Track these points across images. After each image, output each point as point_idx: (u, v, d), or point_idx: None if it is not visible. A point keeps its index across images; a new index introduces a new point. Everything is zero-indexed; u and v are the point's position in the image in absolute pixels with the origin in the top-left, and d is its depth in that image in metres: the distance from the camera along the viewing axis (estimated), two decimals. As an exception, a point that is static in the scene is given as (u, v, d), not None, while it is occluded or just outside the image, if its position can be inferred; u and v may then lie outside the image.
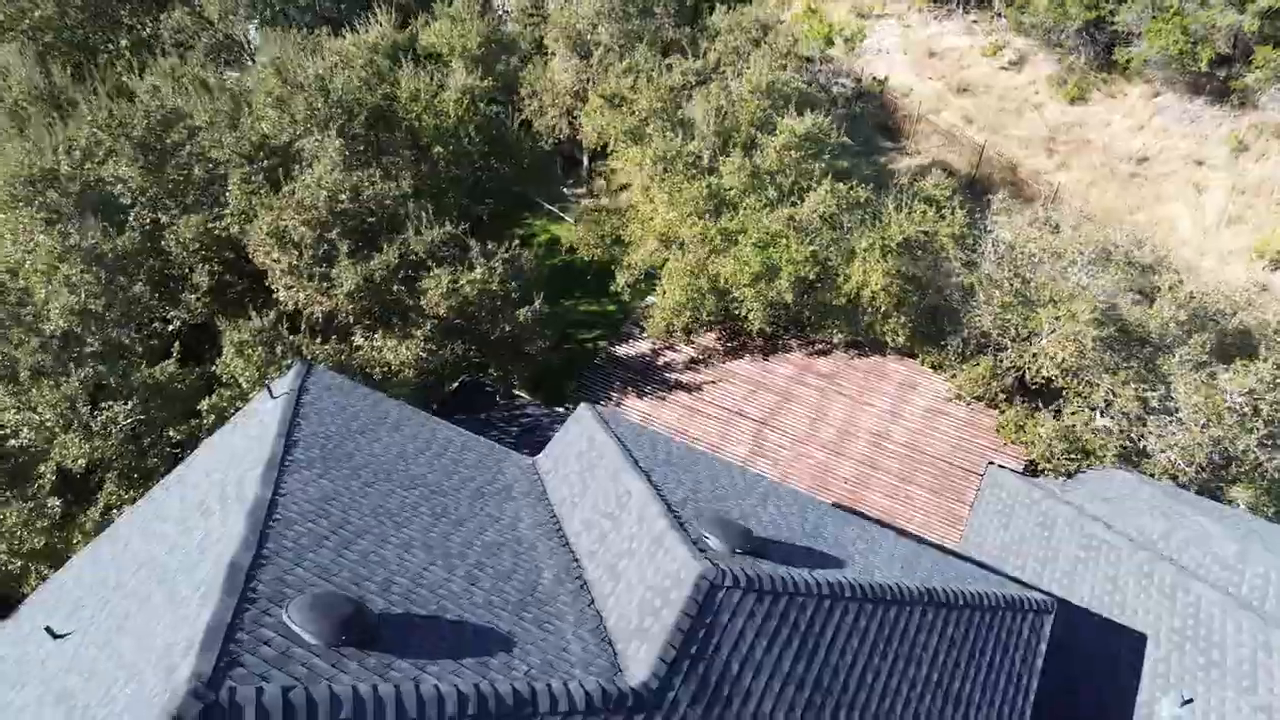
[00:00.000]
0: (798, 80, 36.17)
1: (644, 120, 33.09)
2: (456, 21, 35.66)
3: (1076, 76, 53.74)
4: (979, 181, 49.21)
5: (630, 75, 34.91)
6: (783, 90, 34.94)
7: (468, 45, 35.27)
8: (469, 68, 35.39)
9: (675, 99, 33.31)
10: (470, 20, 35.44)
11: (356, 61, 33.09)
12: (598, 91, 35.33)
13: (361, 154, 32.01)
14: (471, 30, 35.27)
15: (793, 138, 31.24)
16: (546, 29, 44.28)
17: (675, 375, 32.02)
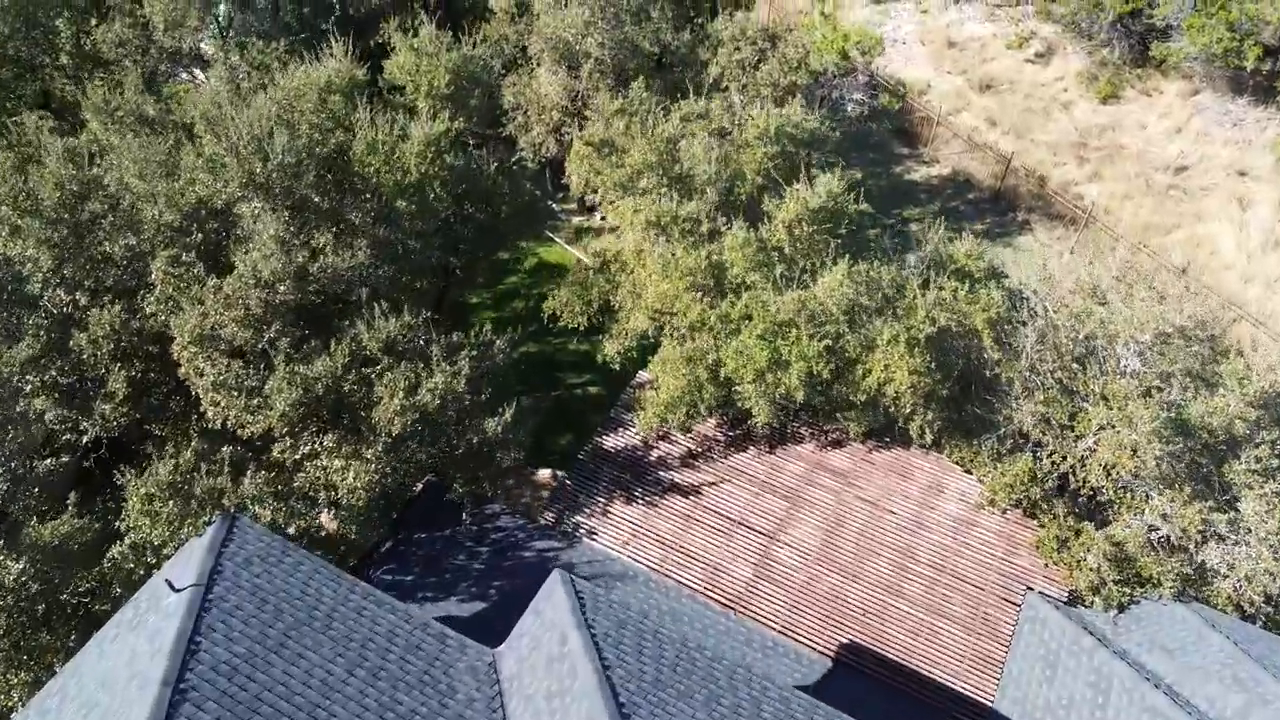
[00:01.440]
0: (811, 120, 30.72)
1: (637, 173, 27.83)
2: (422, 55, 30.16)
3: (1109, 73, 47.98)
4: (1004, 195, 43.81)
5: (622, 118, 29.49)
6: (792, 134, 29.57)
7: (435, 82, 29.82)
8: (437, 108, 30.02)
9: (672, 149, 27.97)
10: (438, 54, 29.93)
11: (305, 106, 27.72)
12: (583, 138, 29.98)
13: (311, 217, 26.85)
14: (439, 66, 29.79)
15: (804, 210, 26.00)
16: (531, 37, 38.72)
17: (670, 473, 27.15)
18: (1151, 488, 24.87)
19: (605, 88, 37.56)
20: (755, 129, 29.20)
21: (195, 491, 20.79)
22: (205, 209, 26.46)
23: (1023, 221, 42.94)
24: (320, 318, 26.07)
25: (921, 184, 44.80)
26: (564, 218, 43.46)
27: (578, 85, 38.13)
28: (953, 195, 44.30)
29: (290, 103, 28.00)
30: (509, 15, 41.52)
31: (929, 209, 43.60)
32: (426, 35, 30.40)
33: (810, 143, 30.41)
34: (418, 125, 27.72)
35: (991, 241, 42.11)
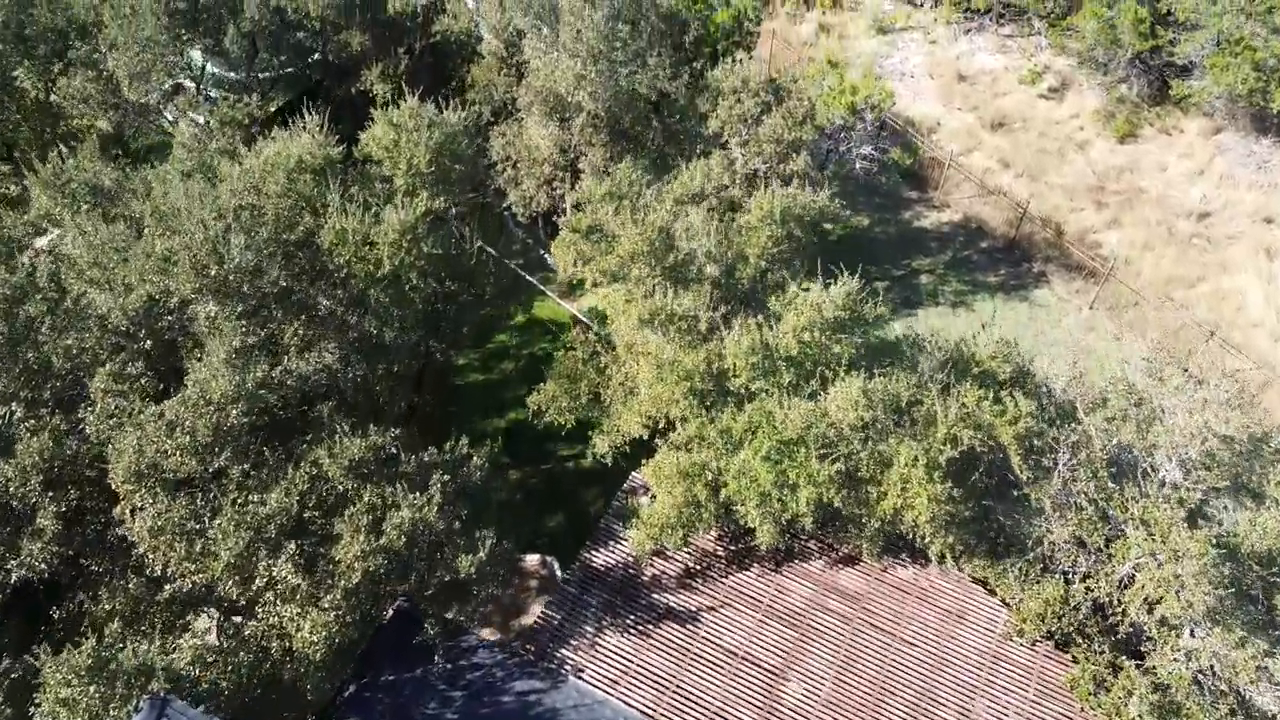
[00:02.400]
0: (821, 199, 27.47)
1: (630, 258, 24.66)
2: (401, 131, 26.88)
3: (1127, 110, 44.65)
4: (1019, 244, 40.56)
5: (611, 201, 26.27)
6: (798, 215, 26.36)
7: (415, 161, 26.56)
8: (416, 185, 26.78)
9: (665, 237, 24.77)
10: (419, 130, 26.66)
11: (272, 189, 24.55)
12: (569, 223, 26.77)
13: (275, 312, 23.73)
14: (420, 144, 26.52)
15: (815, 315, 22.79)
16: (520, 88, 35.46)
17: (666, 596, 24.05)
18: (1199, 624, 21.74)
19: (599, 142, 34.41)
20: (759, 210, 25.96)
21: (122, 667, 17.68)
22: (157, 307, 23.30)
23: (1039, 273, 39.72)
24: (281, 427, 22.96)
25: (932, 231, 41.56)
26: (557, 270, 40.25)
27: (570, 138, 34.93)
28: (964, 244, 41.07)
29: (256, 185, 24.85)
30: (498, 59, 38.29)
31: (940, 259, 40.43)
32: (407, 110, 27.02)
33: (819, 222, 27.20)
34: (393, 210, 24.44)
35: (1006, 295, 38.98)
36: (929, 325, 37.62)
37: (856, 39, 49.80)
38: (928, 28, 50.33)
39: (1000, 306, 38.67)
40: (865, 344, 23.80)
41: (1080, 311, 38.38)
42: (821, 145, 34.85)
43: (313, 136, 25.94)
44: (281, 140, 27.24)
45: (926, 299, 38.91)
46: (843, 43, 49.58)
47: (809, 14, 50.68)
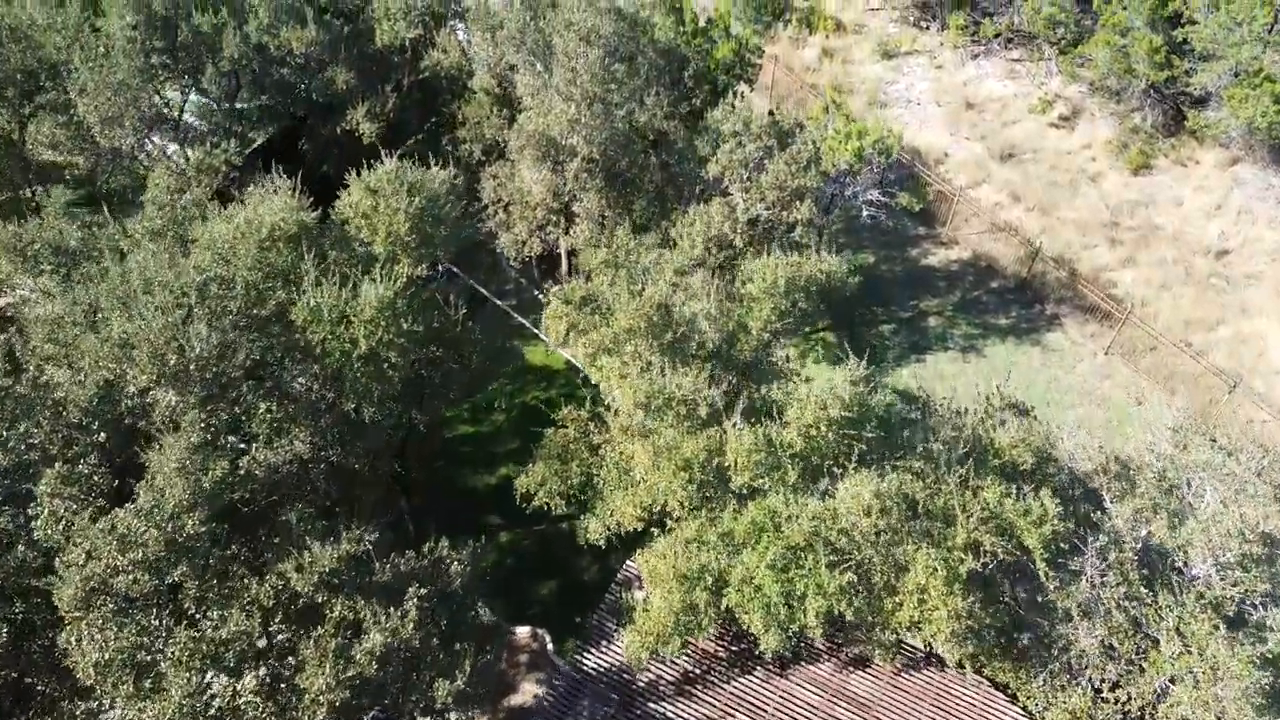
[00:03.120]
0: (828, 264, 25.24)
1: (627, 333, 22.47)
2: (379, 197, 24.62)
3: (1140, 141, 42.30)
4: (1031, 284, 38.29)
5: (608, 270, 24.06)
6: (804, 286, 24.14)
7: (394, 228, 24.32)
8: (396, 252, 24.55)
9: (666, 312, 22.56)
10: (398, 194, 24.40)
11: (242, 263, 22.36)
12: (559, 295, 24.56)
13: (242, 396, 21.56)
14: (399, 210, 24.27)
15: (821, 414, 20.55)
16: (512, 132, 33.21)
17: (661, 705, 21.90)
18: (1241, 745, 19.58)
19: (594, 188, 32.20)
20: (762, 281, 23.73)
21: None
22: (114, 393, 21.14)
23: (1051, 315, 37.45)
24: (246, 523, 20.82)
25: (940, 269, 39.30)
26: (550, 331, 38.01)
27: (564, 183, 32.71)
28: (974, 283, 38.81)
29: (225, 256, 22.66)
30: (490, 95, 36.03)
31: (949, 299, 38.18)
32: (384, 174, 24.75)
33: (827, 290, 25.00)
34: (371, 283, 22.23)
35: (1018, 339, 36.72)
36: (938, 371, 35.51)
37: (861, 64, 47.48)
38: (934, 52, 47.99)
39: (1012, 351, 36.44)
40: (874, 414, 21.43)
41: (1095, 357, 36.15)
42: (826, 189, 32.56)
43: (286, 201, 23.63)
44: (255, 200, 25.01)
45: (935, 343, 36.70)
46: (846, 68, 47.28)
47: (811, 38, 48.33)
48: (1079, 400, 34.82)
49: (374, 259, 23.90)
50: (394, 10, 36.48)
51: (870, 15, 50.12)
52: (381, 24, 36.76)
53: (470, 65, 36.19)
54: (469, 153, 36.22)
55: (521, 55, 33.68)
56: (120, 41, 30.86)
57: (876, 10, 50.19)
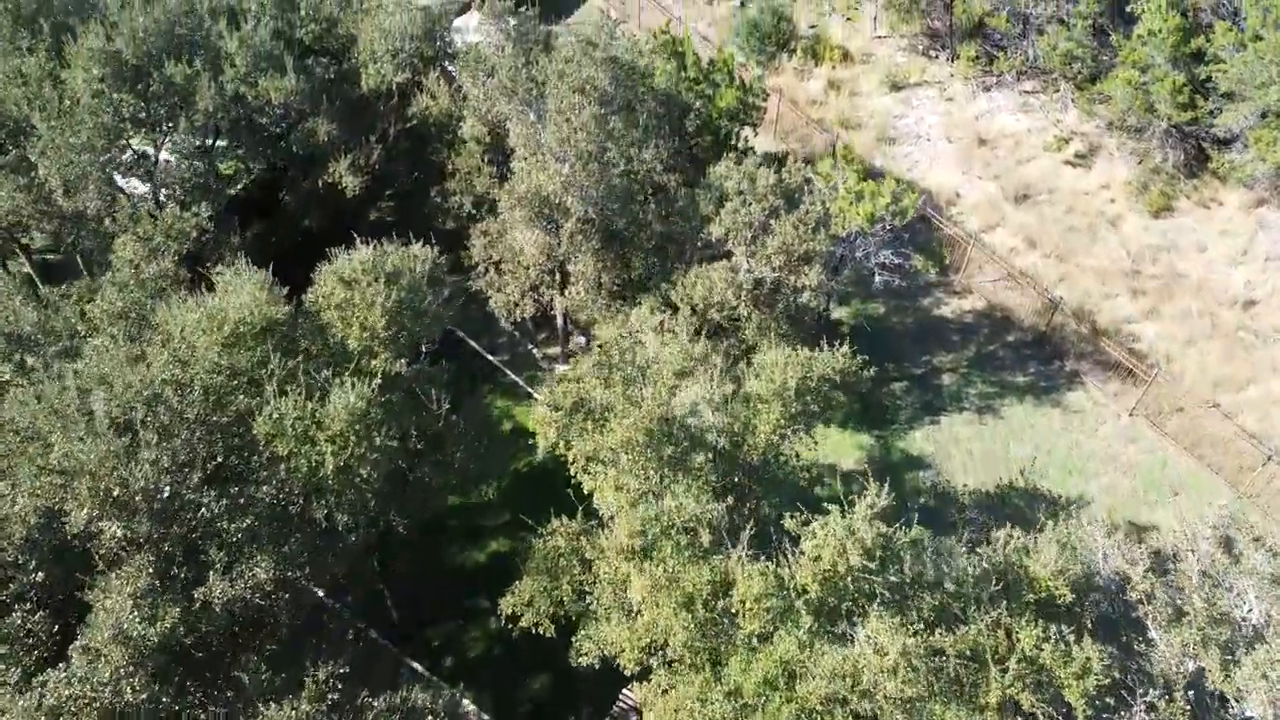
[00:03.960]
0: (842, 359, 22.71)
1: (623, 447, 19.96)
2: (354, 287, 22.07)
3: (1161, 182, 39.65)
4: (1050, 338, 35.70)
5: (600, 373, 21.54)
6: (816, 389, 21.60)
7: (369, 322, 21.77)
8: (373, 346, 22.01)
9: (666, 424, 20.03)
10: (374, 285, 21.85)
11: (201, 366, 19.85)
12: (546, 398, 22.02)
13: (196, 522, 19.06)
14: (375, 302, 21.72)
15: (840, 560, 18.00)
16: (503, 190, 30.70)
17: None
18: None
19: (590, 249, 29.68)
20: (770, 383, 21.18)
21: None
22: (55, 522, 18.65)
23: (1072, 373, 34.89)
24: (200, 668, 18.35)
25: (953, 321, 36.73)
26: (545, 365, 35.56)
27: (558, 243, 30.19)
28: (989, 336, 36.23)
29: (183, 358, 20.16)
30: (481, 144, 33.48)
31: (963, 354, 35.63)
32: (359, 264, 22.17)
33: (840, 386, 22.48)
34: (341, 388, 19.71)
35: (1036, 399, 34.20)
36: (953, 434, 33.01)
37: (868, 96, 44.83)
38: (944, 83, 45.31)
39: (1030, 412, 33.91)
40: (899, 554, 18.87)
41: (1119, 418, 33.61)
42: (835, 250, 30.01)
43: (255, 293, 21.09)
44: (223, 287, 22.49)
45: (950, 403, 34.17)
46: (853, 101, 44.63)
47: (817, 69, 45.66)
48: (1103, 467, 32.29)
49: (348, 355, 21.35)
50: (380, 53, 33.93)
51: (877, 43, 47.44)
52: (367, 67, 34.22)
53: (461, 111, 33.61)
54: (459, 205, 33.73)
55: (514, 104, 31.12)
56: (85, 97, 28.26)
57: (884, 38, 47.50)
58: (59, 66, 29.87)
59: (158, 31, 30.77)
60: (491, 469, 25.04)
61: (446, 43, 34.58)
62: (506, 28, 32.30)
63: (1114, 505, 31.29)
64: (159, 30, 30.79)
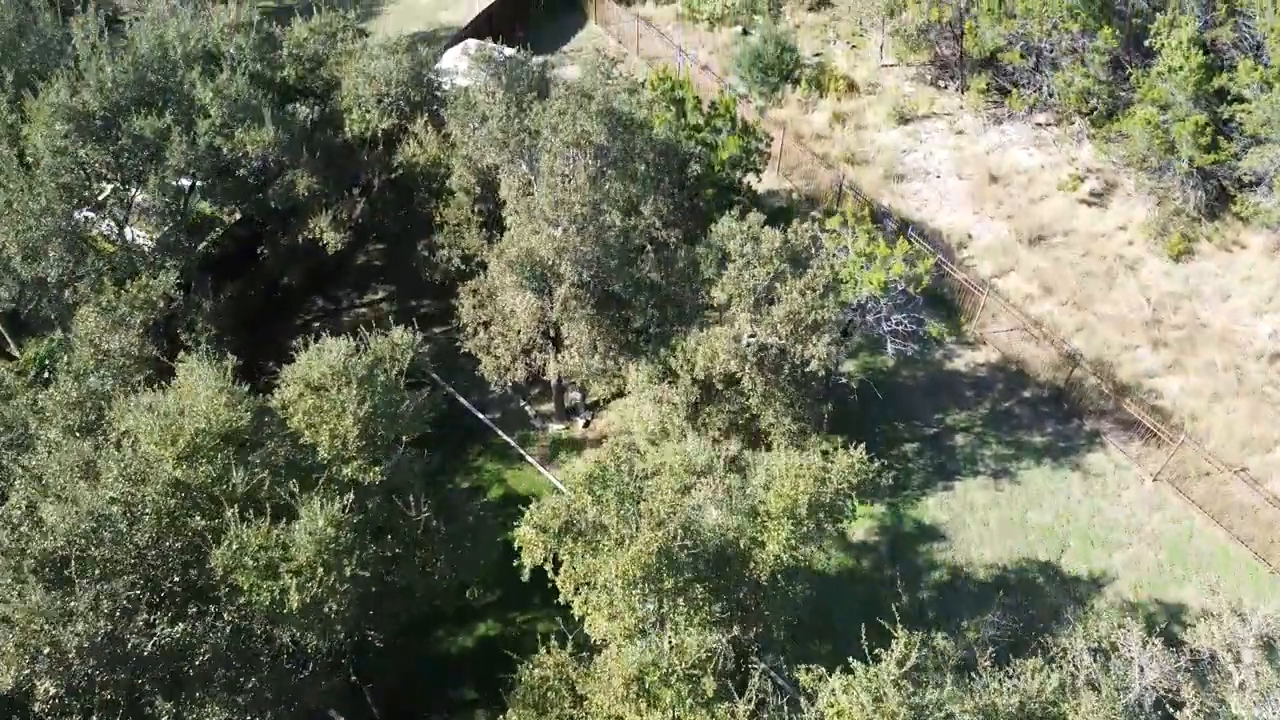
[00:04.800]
0: (858, 465, 20.40)
1: (620, 579, 17.64)
2: (322, 396, 19.69)
3: (1181, 224, 37.28)
4: (1068, 395, 33.34)
5: (596, 490, 19.23)
6: (830, 501, 19.30)
7: (340, 431, 19.43)
8: (344, 454, 19.67)
9: (668, 557, 17.70)
10: (345, 389, 19.50)
11: (156, 485, 17.55)
12: (531, 519, 19.67)
13: (142, 667, 16.78)
14: (346, 410, 19.36)
15: None
16: (493, 253, 28.39)
17: None
18: None
19: (584, 315, 27.36)
20: (780, 499, 18.86)
21: None
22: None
23: (1092, 432, 32.55)
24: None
25: (966, 375, 34.37)
26: (538, 424, 33.23)
27: (550, 307, 27.88)
28: (1005, 391, 33.89)
29: (135, 475, 17.87)
30: (470, 195, 31.14)
31: (977, 412, 33.30)
32: (329, 367, 19.78)
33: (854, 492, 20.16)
34: (308, 511, 17.39)
35: (1055, 461, 31.88)
36: (968, 501, 30.72)
37: (875, 129, 42.43)
38: (953, 115, 42.91)
39: (1049, 476, 31.59)
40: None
41: (1143, 483, 31.29)
42: (844, 314, 27.68)
43: (211, 400, 18.77)
44: (185, 373, 20.16)
45: (964, 465, 31.85)
46: (860, 134, 42.25)
47: (821, 101, 43.25)
48: (1127, 538, 30.01)
49: (318, 465, 19.03)
50: (365, 97, 31.56)
51: (884, 72, 45.04)
52: (351, 113, 31.86)
53: (449, 160, 31.25)
54: (446, 259, 31.40)
55: (505, 156, 28.79)
56: (46, 156, 25.93)
57: (891, 67, 45.08)
58: (20, 120, 27.53)
59: (127, 81, 28.38)
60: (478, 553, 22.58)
61: (435, 86, 32.12)
62: (498, 73, 29.86)
63: (1139, 581, 29.02)
64: (129, 80, 28.41)
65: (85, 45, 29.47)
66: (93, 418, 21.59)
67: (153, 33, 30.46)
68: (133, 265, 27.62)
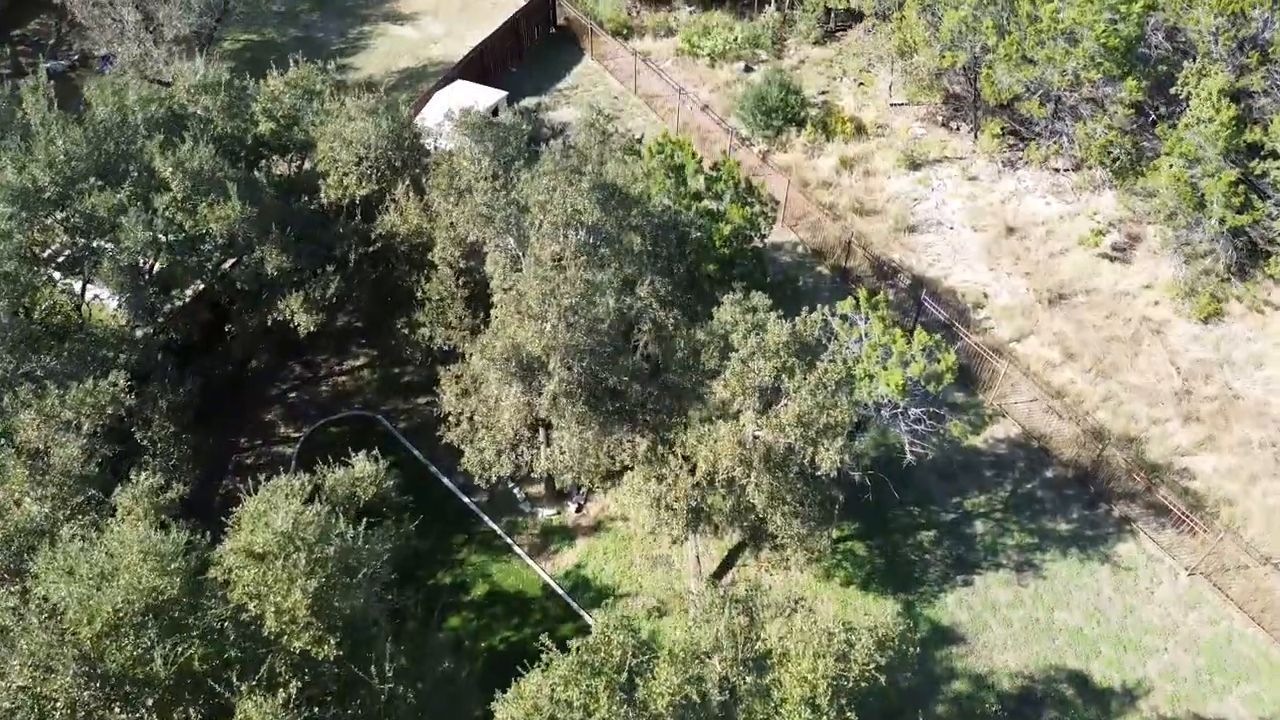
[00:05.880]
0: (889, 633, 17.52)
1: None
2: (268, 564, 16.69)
3: (1211, 284, 34.29)
4: (1094, 476, 30.42)
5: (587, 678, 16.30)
6: (853, 686, 16.41)
7: (287, 606, 16.46)
8: (294, 629, 16.74)
9: None
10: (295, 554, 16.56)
11: (63, 676, 14.68)
12: (508, 708, 16.74)
13: None
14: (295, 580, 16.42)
15: None
16: (476, 346, 25.48)
17: None
18: None
19: (574, 414, 24.43)
20: (797, 685, 15.98)
21: None
22: None
23: (1121, 519, 29.63)
24: None
25: (985, 452, 31.41)
26: (527, 508, 30.32)
27: (538, 403, 24.96)
28: (1026, 471, 30.95)
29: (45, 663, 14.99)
30: (454, 269, 28.23)
31: (997, 494, 30.39)
32: (275, 536, 16.78)
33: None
34: (252, 705, 14.48)
35: (1082, 552, 29.00)
36: (989, 599, 27.85)
37: (884, 176, 39.45)
38: (966, 159, 39.93)
39: (1077, 569, 28.70)
40: None
41: (1177, 578, 28.40)
42: (859, 412, 24.77)
43: (143, 561, 15.87)
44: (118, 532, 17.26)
45: (985, 556, 28.96)
46: (868, 182, 39.28)
47: (828, 145, 40.25)
48: (1162, 642, 27.13)
49: (264, 639, 16.14)
50: (343, 161, 28.63)
51: (893, 112, 42.05)
52: (327, 178, 28.93)
53: (431, 230, 28.35)
54: (428, 338, 28.52)
55: (491, 231, 25.92)
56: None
57: (900, 106, 42.08)
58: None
59: (81, 155, 25.47)
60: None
61: (417, 148, 29.18)
62: (482, 141, 26.94)
63: (1176, 693, 26.15)
64: (82, 153, 25.49)
65: (37, 112, 26.56)
66: (19, 560, 18.74)
67: (112, 95, 27.52)
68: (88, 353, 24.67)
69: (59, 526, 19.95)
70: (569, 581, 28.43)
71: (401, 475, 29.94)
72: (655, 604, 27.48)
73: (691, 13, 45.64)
